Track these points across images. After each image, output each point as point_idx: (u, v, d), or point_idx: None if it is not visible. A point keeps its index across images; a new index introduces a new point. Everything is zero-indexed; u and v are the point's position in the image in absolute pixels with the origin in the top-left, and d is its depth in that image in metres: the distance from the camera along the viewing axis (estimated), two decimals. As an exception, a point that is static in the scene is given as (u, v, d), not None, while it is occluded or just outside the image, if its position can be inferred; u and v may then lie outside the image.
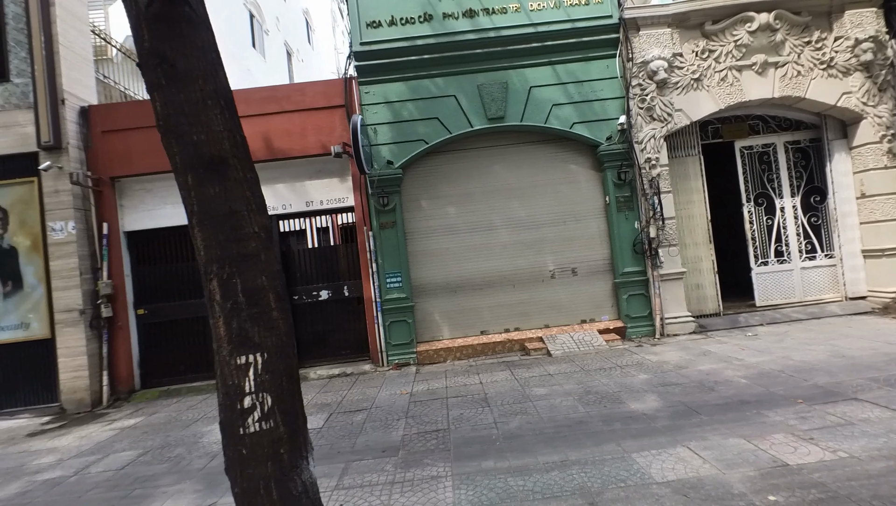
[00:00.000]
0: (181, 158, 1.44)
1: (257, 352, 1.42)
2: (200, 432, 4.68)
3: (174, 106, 1.43)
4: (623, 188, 6.74)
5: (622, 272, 6.69)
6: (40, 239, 6.31)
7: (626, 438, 3.43)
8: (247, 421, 1.39)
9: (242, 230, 1.46)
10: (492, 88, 6.66)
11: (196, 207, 1.44)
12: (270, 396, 1.42)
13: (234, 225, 1.45)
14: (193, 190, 1.44)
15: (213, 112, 1.47)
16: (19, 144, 6.30)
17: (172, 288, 6.85)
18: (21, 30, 6.36)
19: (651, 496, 2.61)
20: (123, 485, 3.62)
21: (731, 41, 6.68)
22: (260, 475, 1.37)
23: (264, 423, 1.40)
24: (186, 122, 1.43)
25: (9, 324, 6.29)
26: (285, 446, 1.44)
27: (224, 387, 1.43)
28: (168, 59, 1.41)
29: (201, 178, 1.44)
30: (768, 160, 7.38)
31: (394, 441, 3.87)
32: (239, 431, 1.40)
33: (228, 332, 1.42)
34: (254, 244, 1.47)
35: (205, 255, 1.44)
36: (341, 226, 10.13)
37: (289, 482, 1.41)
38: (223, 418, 1.43)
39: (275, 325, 1.48)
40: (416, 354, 6.57)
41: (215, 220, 1.44)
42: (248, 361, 1.41)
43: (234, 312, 1.42)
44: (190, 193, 1.45)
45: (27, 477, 4.02)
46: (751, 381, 4.35)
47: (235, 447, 1.40)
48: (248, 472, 1.38)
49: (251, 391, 1.40)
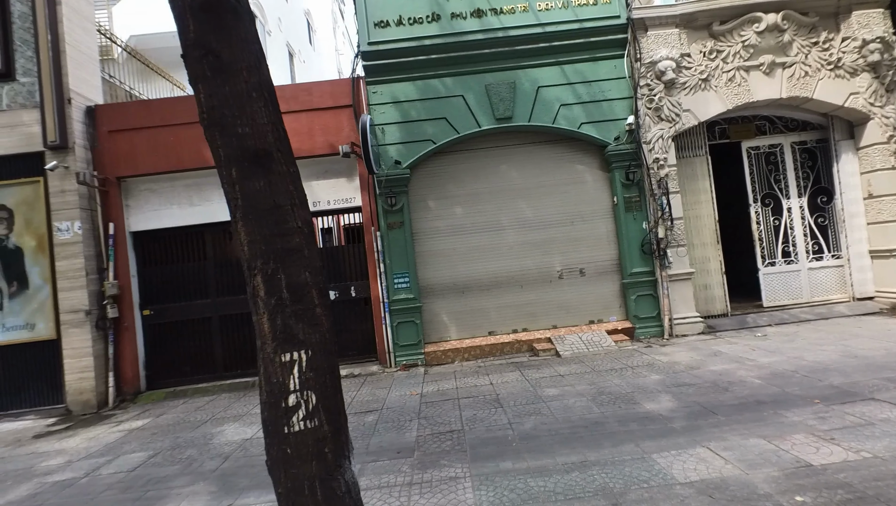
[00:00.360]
0: (225, 151, 1.41)
1: (301, 349, 1.39)
2: (210, 434, 4.64)
3: (219, 98, 1.40)
4: (631, 188, 6.73)
5: (630, 273, 6.68)
6: (46, 239, 6.27)
7: (643, 438, 3.41)
8: (291, 420, 1.37)
9: (286, 225, 1.44)
10: (500, 88, 6.65)
11: (240, 201, 1.41)
12: (315, 394, 1.40)
13: (279, 219, 1.43)
14: (238, 184, 1.41)
15: (257, 104, 1.45)
16: (25, 143, 6.26)
17: (178, 289, 6.82)
18: (27, 29, 6.33)
19: (675, 497, 2.59)
20: (136, 487, 3.59)
21: (739, 42, 6.68)
22: (304, 475, 1.35)
23: (309, 421, 1.37)
24: (231, 114, 1.41)
25: (14, 324, 6.24)
26: (329, 446, 1.42)
27: (268, 385, 1.40)
28: (213, 51, 1.38)
29: (246, 171, 1.41)
30: (775, 161, 7.39)
31: (408, 442, 3.84)
32: (283, 429, 1.37)
33: (273, 328, 1.39)
34: (297, 239, 1.45)
35: (248, 250, 1.41)
36: (346, 226, 10.12)
37: (333, 482, 1.38)
38: (267, 416, 1.40)
39: (318, 321, 1.46)
40: (423, 354, 6.54)
41: (260, 214, 1.41)
42: (292, 358, 1.38)
43: (279, 308, 1.39)
44: (234, 187, 1.42)
45: (37, 479, 3.98)
46: (765, 381, 4.33)
47: (280, 446, 1.37)
48: (292, 471, 1.35)
49: (296, 389, 1.38)
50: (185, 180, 6.83)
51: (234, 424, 4.90)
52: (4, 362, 6.21)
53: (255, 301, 1.42)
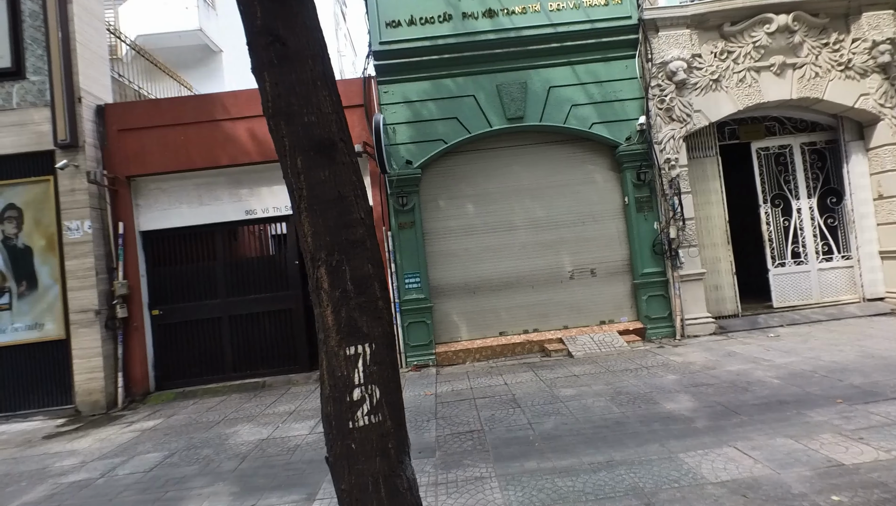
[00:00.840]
0: (290, 140, 1.39)
1: (365, 342, 1.37)
2: (225, 434, 4.60)
3: (285, 86, 1.38)
4: (642, 189, 6.72)
5: (642, 273, 6.67)
6: (56, 238, 6.23)
7: (668, 438, 3.39)
8: (356, 414, 1.34)
9: (350, 216, 1.41)
10: (511, 88, 6.64)
11: (305, 191, 1.39)
12: (378, 388, 1.37)
13: (343, 210, 1.40)
14: (303, 174, 1.39)
15: (322, 93, 1.42)
16: (35, 142, 6.23)
17: (187, 289, 6.78)
18: (38, 27, 6.31)
19: (708, 497, 2.56)
20: (154, 487, 3.55)
21: (750, 42, 6.69)
22: (369, 471, 1.32)
23: (373, 416, 1.35)
24: (297, 103, 1.38)
25: (23, 324, 6.20)
26: (392, 441, 1.39)
27: (332, 379, 1.38)
28: (280, 38, 1.36)
29: (311, 161, 1.39)
30: (784, 161, 7.39)
31: (428, 442, 3.81)
32: (348, 424, 1.34)
33: (337, 321, 1.36)
34: (361, 230, 1.42)
35: (312, 241, 1.39)
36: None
37: (396, 479, 1.36)
38: (331, 410, 1.37)
39: (381, 315, 1.43)
40: (435, 355, 6.51)
41: (325, 205, 1.39)
42: (356, 351, 1.36)
43: (343, 300, 1.37)
44: (299, 178, 1.39)
45: (52, 479, 3.94)
46: (784, 381, 4.32)
47: (344, 442, 1.34)
48: (357, 467, 1.32)
49: (360, 383, 1.35)
50: (194, 180, 6.80)
51: (247, 424, 4.86)
52: (13, 363, 6.16)
53: (318, 294, 1.40)
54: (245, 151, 6.61)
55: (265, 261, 7.14)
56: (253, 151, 6.61)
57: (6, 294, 6.20)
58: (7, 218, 6.25)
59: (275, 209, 6.82)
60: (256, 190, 6.82)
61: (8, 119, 6.22)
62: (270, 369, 6.73)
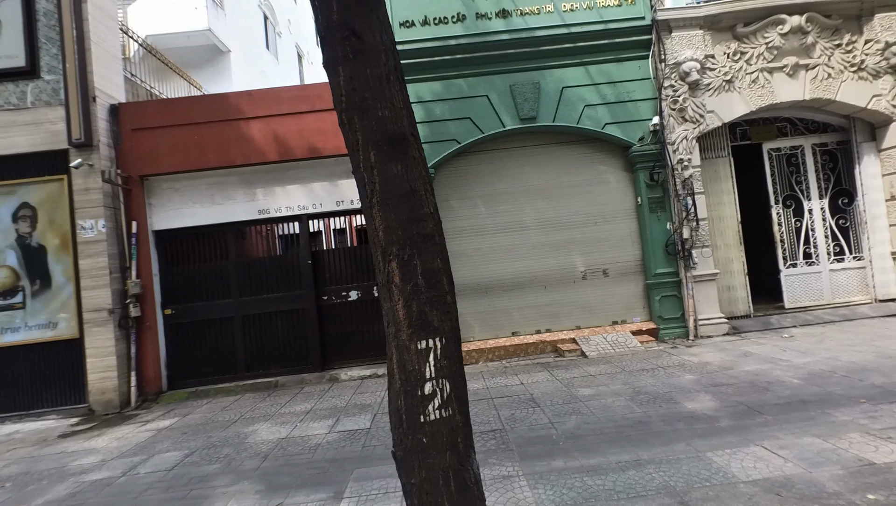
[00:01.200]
0: (363, 134, 1.39)
1: (436, 337, 1.37)
2: (243, 433, 4.60)
3: (360, 81, 1.38)
4: (655, 189, 6.73)
5: (654, 273, 6.67)
6: (69, 237, 6.24)
7: (693, 437, 3.38)
8: (427, 408, 1.34)
9: (421, 210, 1.42)
10: (524, 89, 6.65)
11: (378, 185, 1.39)
12: (449, 382, 1.37)
13: (414, 205, 1.41)
14: (376, 168, 1.39)
15: (394, 88, 1.43)
16: (49, 141, 6.23)
17: (200, 288, 6.78)
18: (52, 26, 6.32)
19: (742, 495, 2.56)
20: (178, 486, 3.54)
21: (763, 43, 6.71)
22: (440, 466, 1.32)
23: (444, 411, 1.35)
24: (371, 97, 1.39)
25: (36, 323, 6.20)
26: (461, 435, 1.39)
27: (403, 373, 1.38)
28: (356, 32, 1.36)
29: (385, 155, 1.39)
30: (796, 162, 7.40)
31: (450, 441, 3.80)
32: (419, 418, 1.34)
33: (408, 315, 1.37)
34: (431, 225, 1.42)
35: (384, 236, 1.39)
36: (358, 228, 10.08)
37: (465, 473, 1.35)
38: (402, 404, 1.37)
39: (449, 309, 1.44)
40: (447, 355, 6.50)
41: (397, 199, 1.39)
42: (427, 345, 1.36)
43: (415, 294, 1.37)
44: (372, 172, 1.40)
45: (73, 478, 3.93)
46: (804, 381, 4.32)
47: (415, 436, 1.34)
48: (428, 462, 1.32)
49: (432, 377, 1.35)
50: (207, 179, 6.81)
51: (265, 423, 4.85)
52: (27, 362, 6.16)
53: (388, 288, 1.40)
54: (258, 150, 6.61)
55: (278, 260, 7.14)
56: (266, 150, 6.61)
57: (20, 293, 6.20)
58: (21, 217, 6.25)
59: (287, 209, 6.83)
60: (269, 190, 6.83)
61: (22, 118, 6.23)
62: (283, 369, 6.72)
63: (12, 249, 6.22)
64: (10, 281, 6.19)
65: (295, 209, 6.83)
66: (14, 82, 6.26)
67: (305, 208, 6.83)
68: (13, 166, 6.24)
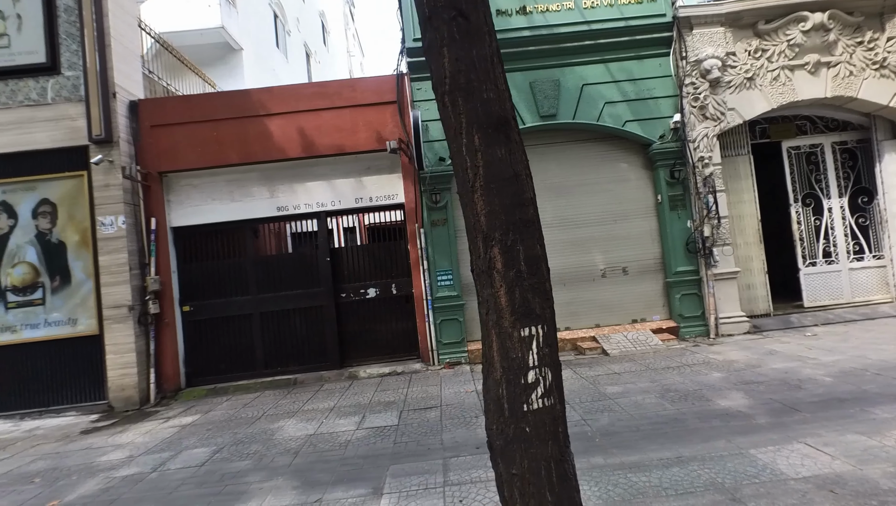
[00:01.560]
0: (468, 117, 1.37)
1: (539, 324, 1.35)
2: (270, 430, 4.57)
3: (466, 62, 1.36)
4: (675, 187, 6.70)
5: (675, 271, 6.63)
6: (89, 234, 6.22)
7: (732, 434, 3.36)
8: (530, 397, 1.31)
9: (524, 195, 1.39)
10: (544, 86, 6.62)
11: (482, 169, 1.36)
12: (550, 371, 1.35)
13: (517, 190, 1.38)
14: (480, 151, 1.36)
15: (497, 70, 1.40)
16: (69, 137, 6.22)
17: (218, 285, 6.76)
18: (73, 23, 6.31)
19: (794, 492, 2.53)
20: (211, 482, 3.52)
21: (784, 41, 6.67)
22: (542, 455, 1.30)
23: (546, 400, 1.32)
24: (477, 79, 1.36)
25: (56, 319, 6.18)
26: (561, 425, 1.37)
27: (505, 360, 1.35)
28: (463, 13, 1.34)
29: (489, 139, 1.37)
30: (815, 161, 7.36)
31: (481, 439, 3.76)
32: (523, 407, 1.32)
33: (511, 302, 1.34)
34: (532, 210, 1.40)
35: (486, 221, 1.37)
36: (369, 226, 10.04)
37: (565, 464, 1.33)
38: (503, 393, 1.34)
39: (549, 296, 1.41)
40: (467, 352, 6.48)
41: (501, 183, 1.37)
42: (531, 333, 1.33)
43: (517, 281, 1.34)
44: (476, 156, 1.37)
45: (102, 473, 3.91)
46: (836, 379, 4.28)
47: (518, 425, 1.32)
48: (531, 451, 1.30)
49: (535, 365, 1.33)
50: (226, 176, 6.79)
51: (290, 420, 4.83)
52: (46, 358, 6.14)
53: (489, 274, 1.37)
54: (278, 147, 6.59)
55: (296, 257, 7.12)
56: (286, 147, 6.59)
57: (40, 289, 6.19)
58: (41, 213, 6.24)
59: (306, 206, 6.81)
60: (288, 187, 6.81)
61: (43, 114, 6.22)
62: (301, 366, 6.70)
63: (32, 245, 6.21)
64: (30, 277, 6.18)
65: (314, 206, 6.81)
66: (34, 78, 6.24)
67: (324, 206, 6.81)
68: (33, 162, 6.23)
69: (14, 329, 6.14)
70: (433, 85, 1.47)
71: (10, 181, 6.21)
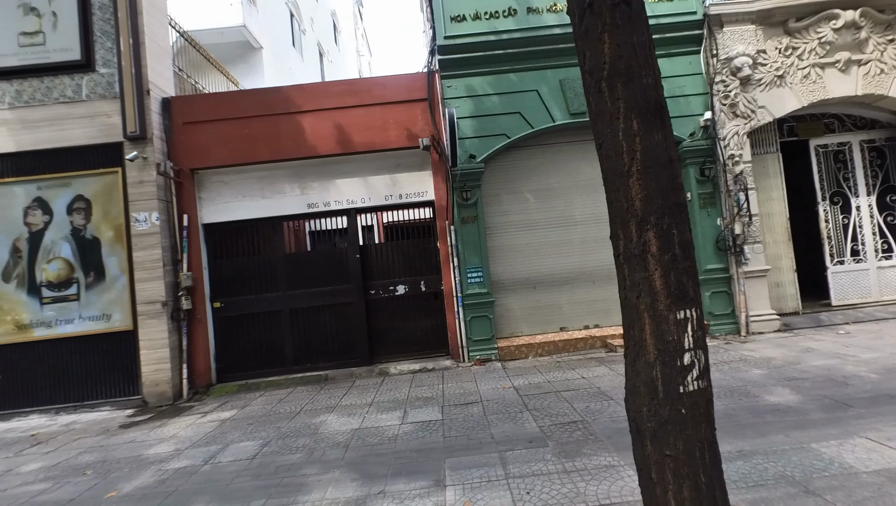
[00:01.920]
0: (626, 103, 1.39)
1: (692, 307, 1.37)
2: (313, 424, 4.59)
3: (626, 48, 1.38)
4: (705, 185, 6.70)
5: (704, 269, 6.62)
6: (123, 230, 6.26)
7: (788, 429, 3.36)
8: (686, 379, 1.33)
9: (677, 179, 1.41)
10: (574, 83, 6.63)
11: (639, 154, 1.38)
12: (703, 353, 1.37)
13: (672, 174, 1.40)
14: (638, 136, 1.39)
15: (652, 56, 1.43)
16: (104, 134, 6.26)
17: (248, 281, 6.79)
18: (107, 20, 6.35)
19: (868, 485, 2.54)
20: (266, 474, 3.54)
21: (815, 39, 6.66)
22: (696, 437, 1.32)
23: (700, 381, 1.35)
24: (637, 64, 1.39)
25: (90, 315, 6.22)
26: (711, 408, 1.39)
27: (661, 342, 1.37)
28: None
29: (648, 123, 1.39)
30: (843, 159, 7.35)
31: (532, 432, 3.79)
32: (679, 389, 1.34)
33: (666, 285, 1.36)
34: (682, 195, 1.42)
35: (642, 205, 1.39)
36: (386, 224, 10.05)
37: (715, 446, 1.35)
38: (657, 374, 1.36)
39: (697, 280, 1.43)
40: (497, 349, 6.49)
41: (659, 168, 1.39)
42: (686, 316, 1.35)
43: (672, 264, 1.36)
44: (633, 140, 1.39)
45: (153, 466, 3.94)
46: (881, 376, 4.28)
47: (674, 407, 1.34)
48: (686, 433, 1.32)
49: (689, 348, 1.35)
50: (256, 173, 6.83)
51: (330, 415, 4.85)
52: (81, 353, 6.19)
53: (643, 258, 1.39)
54: (309, 144, 6.62)
55: (326, 254, 7.15)
56: (316, 144, 6.62)
57: (74, 285, 6.23)
58: (76, 209, 6.28)
59: (336, 203, 6.83)
60: (318, 184, 6.84)
61: (77, 111, 6.27)
62: (330, 363, 6.73)
63: (67, 241, 6.26)
64: (64, 273, 6.22)
65: (343, 203, 6.83)
66: (69, 75, 6.29)
67: (354, 203, 6.83)
68: (68, 159, 6.28)
69: (49, 324, 6.19)
70: (587, 70, 1.49)
71: (45, 177, 6.26)
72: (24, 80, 6.27)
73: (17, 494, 3.65)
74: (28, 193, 6.26)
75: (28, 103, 6.25)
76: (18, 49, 6.29)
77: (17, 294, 6.18)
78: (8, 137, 6.21)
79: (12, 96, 6.26)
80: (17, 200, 6.25)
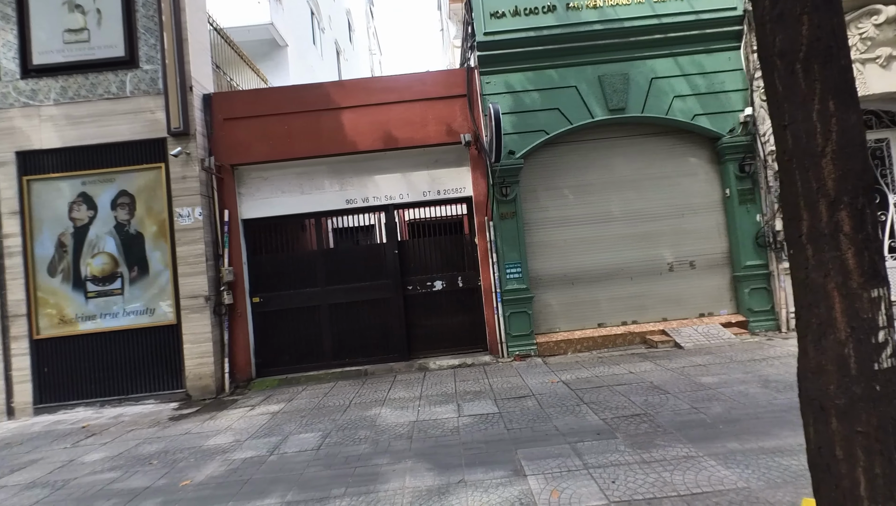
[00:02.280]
0: (823, 84, 1.41)
1: (884, 286, 1.39)
2: (367, 417, 4.63)
3: (826, 30, 1.40)
4: (745, 181, 6.68)
5: (744, 266, 6.62)
6: (167, 225, 6.32)
7: (861, 422, 3.35)
8: (881, 356, 1.36)
9: (868, 161, 1.43)
10: (613, 80, 6.64)
11: (835, 135, 1.41)
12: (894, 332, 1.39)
13: (865, 156, 1.43)
14: (835, 117, 1.41)
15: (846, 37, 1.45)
16: (148, 129, 6.32)
17: (287, 277, 6.84)
18: (150, 17, 6.41)
19: None
20: (337, 464, 3.57)
21: (857, 34, 6.63)
22: (889, 414, 1.34)
23: (893, 359, 1.37)
24: (836, 46, 1.41)
25: (134, 309, 6.29)
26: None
27: (855, 321, 1.40)
28: None
29: (844, 104, 1.41)
30: (881, 155, 7.31)
31: (597, 425, 3.81)
32: (873, 366, 1.36)
33: (860, 263, 1.38)
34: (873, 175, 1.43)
35: (836, 185, 1.41)
36: (409, 222, 10.05)
37: None
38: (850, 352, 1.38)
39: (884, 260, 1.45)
40: (536, 345, 6.51)
41: (854, 148, 1.41)
42: (879, 294, 1.38)
43: (865, 243, 1.39)
44: (829, 121, 1.41)
45: (218, 456, 3.98)
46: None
47: (868, 383, 1.36)
48: (880, 409, 1.34)
49: (884, 326, 1.37)
50: (295, 169, 6.87)
51: (381, 408, 4.88)
52: (125, 346, 6.25)
53: (835, 237, 1.41)
54: (348, 140, 6.66)
55: (364, 250, 7.19)
56: (356, 140, 6.66)
57: (118, 279, 6.30)
58: (120, 204, 6.34)
59: (374, 199, 6.87)
60: (357, 179, 6.87)
61: (121, 107, 6.33)
62: (369, 358, 6.77)
63: (111, 235, 6.32)
64: (109, 267, 6.29)
65: (381, 199, 6.87)
66: (114, 72, 6.36)
67: (392, 198, 6.87)
68: (112, 154, 6.34)
69: (94, 318, 6.25)
70: (777, 52, 1.50)
71: (89, 173, 6.33)
72: (70, 77, 6.33)
73: (90, 481, 3.70)
74: (73, 189, 6.32)
75: (73, 100, 6.32)
76: (63, 46, 6.36)
77: (63, 288, 6.25)
78: (53, 133, 6.28)
79: (58, 93, 6.32)
80: (63, 195, 6.32)
